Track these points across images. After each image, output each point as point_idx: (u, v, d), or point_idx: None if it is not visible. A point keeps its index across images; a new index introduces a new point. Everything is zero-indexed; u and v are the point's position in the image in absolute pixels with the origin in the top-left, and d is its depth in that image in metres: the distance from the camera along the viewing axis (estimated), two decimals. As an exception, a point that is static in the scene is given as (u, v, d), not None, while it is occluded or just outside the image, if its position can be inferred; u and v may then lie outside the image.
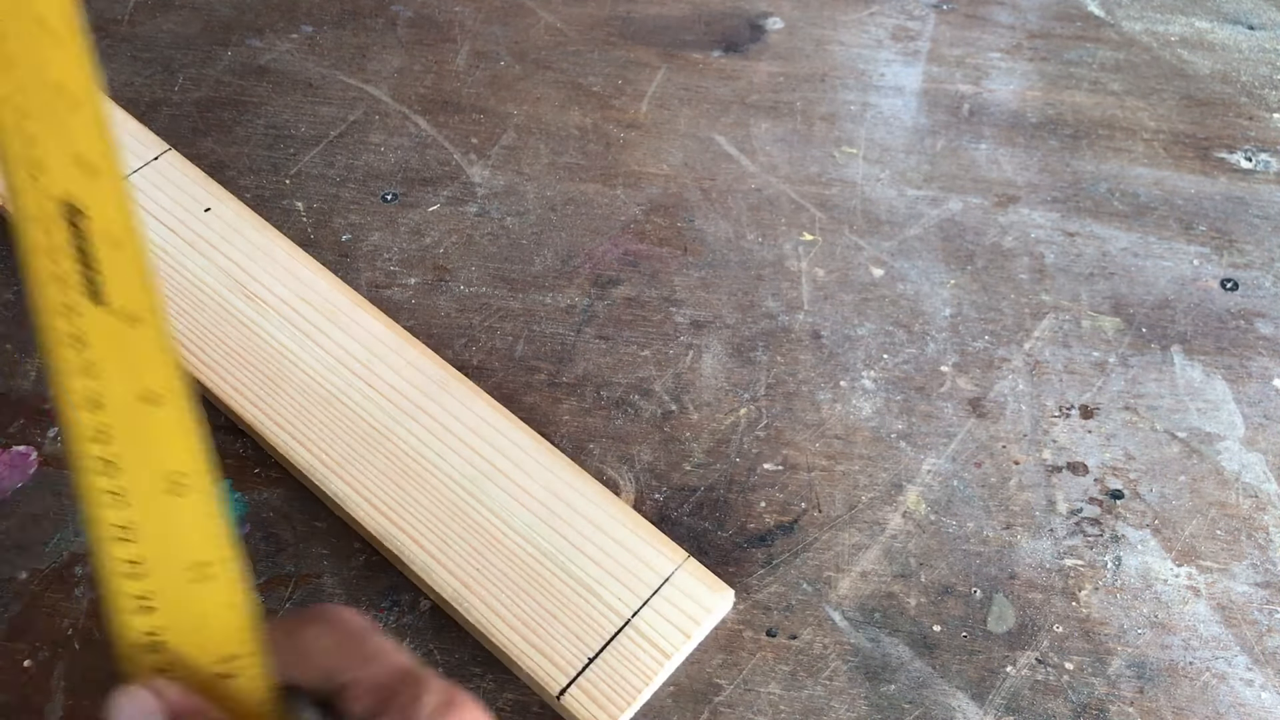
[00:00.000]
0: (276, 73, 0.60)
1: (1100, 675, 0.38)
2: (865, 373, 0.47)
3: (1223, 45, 0.63)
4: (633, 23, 0.64)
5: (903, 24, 0.64)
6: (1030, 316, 0.49)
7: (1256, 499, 0.43)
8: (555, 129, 0.57)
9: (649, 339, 0.48)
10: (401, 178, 0.55)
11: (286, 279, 0.48)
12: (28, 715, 0.37)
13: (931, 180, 0.55)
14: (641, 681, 0.37)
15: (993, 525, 0.42)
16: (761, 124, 0.58)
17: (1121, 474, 0.44)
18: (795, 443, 0.45)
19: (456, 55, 0.61)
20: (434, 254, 0.51)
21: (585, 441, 0.45)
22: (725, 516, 0.42)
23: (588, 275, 0.51)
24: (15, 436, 0.45)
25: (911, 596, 0.40)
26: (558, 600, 0.38)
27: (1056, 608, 0.40)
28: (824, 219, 0.53)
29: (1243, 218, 0.53)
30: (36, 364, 0.47)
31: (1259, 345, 0.48)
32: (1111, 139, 0.57)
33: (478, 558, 0.39)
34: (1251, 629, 0.39)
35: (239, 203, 0.51)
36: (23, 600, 0.40)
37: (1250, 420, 0.45)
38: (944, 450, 0.44)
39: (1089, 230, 0.53)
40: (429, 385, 0.44)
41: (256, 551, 0.41)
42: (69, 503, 0.43)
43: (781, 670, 0.38)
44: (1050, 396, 0.46)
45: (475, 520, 0.40)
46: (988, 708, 0.37)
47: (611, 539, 0.40)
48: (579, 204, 0.54)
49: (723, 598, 0.39)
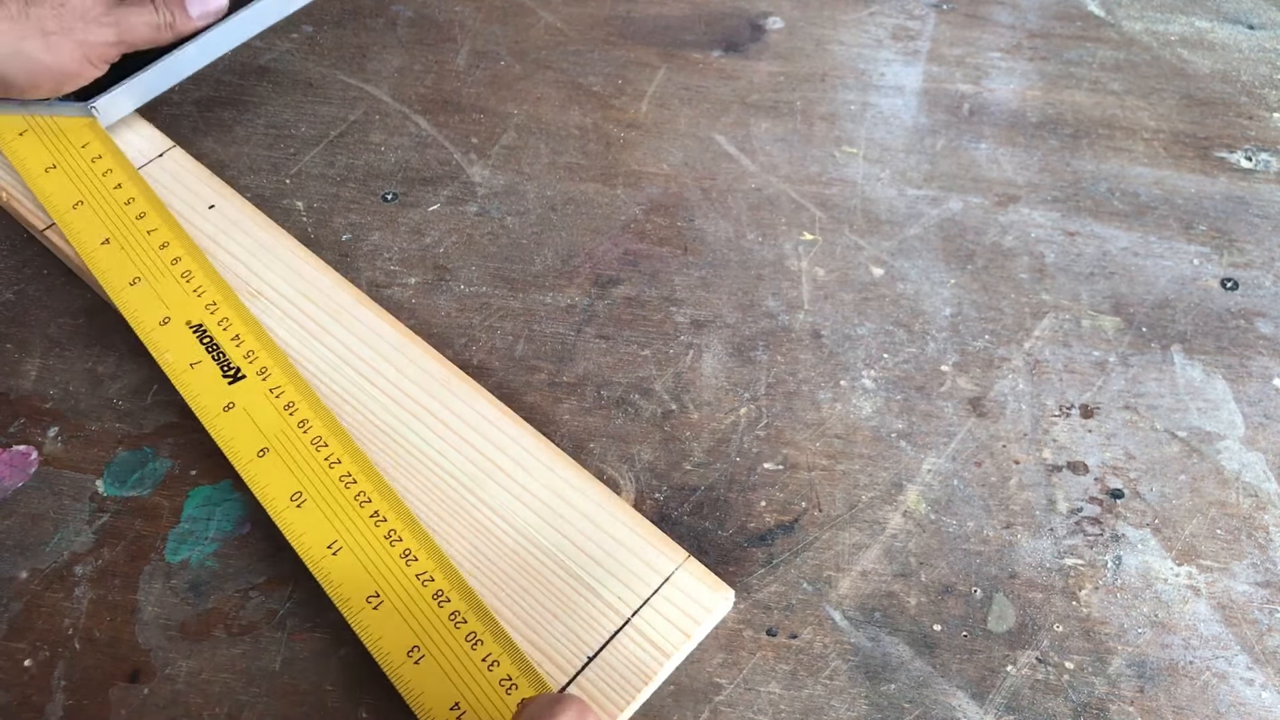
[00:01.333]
0: (276, 72, 0.60)
1: (1100, 674, 0.38)
2: (865, 372, 0.47)
3: (1223, 45, 0.63)
4: (633, 23, 0.64)
5: (903, 24, 0.64)
6: (1030, 316, 0.49)
7: (1256, 498, 0.43)
8: (555, 129, 0.57)
9: (649, 338, 0.48)
10: (401, 177, 0.55)
11: (289, 276, 0.48)
12: (28, 715, 0.37)
13: (931, 180, 0.55)
14: (641, 681, 0.37)
15: (993, 525, 0.42)
16: (761, 124, 0.58)
17: (1121, 473, 0.44)
18: (795, 442, 0.45)
19: (456, 55, 0.61)
20: (434, 253, 0.51)
21: (585, 441, 0.45)
22: (725, 516, 0.42)
23: (588, 275, 0.51)
24: (15, 436, 0.45)
25: (911, 596, 0.40)
26: (557, 599, 0.38)
27: (1057, 607, 0.40)
28: (824, 218, 0.53)
29: (1243, 217, 0.53)
30: (36, 364, 0.47)
31: (1259, 345, 0.48)
32: (1111, 139, 0.57)
33: (478, 555, 0.39)
34: (1252, 628, 0.39)
35: (242, 200, 0.51)
36: (23, 600, 0.40)
37: (1250, 420, 0.45)
38: (944, 450, 0.45)
39: (1089, 230, 0.53)
40: (431, 383, 0.44)
41: (257, 551, 0.41)
42: (69, 502, 0.43)
43: (782, 670, 0.38)
44: (1050, 396, 0.46)
45: (475, 518, 0.40)
46: (988, 707, 0.37)
47: (612, 538, 0.40)
48: (579, 204, 0.54)
49: (723, 597, 0.39)
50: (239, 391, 0.43)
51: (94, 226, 0.48)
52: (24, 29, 0.47)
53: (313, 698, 0.38)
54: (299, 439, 0.41)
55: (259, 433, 0.42)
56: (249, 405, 0.43)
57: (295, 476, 0.41)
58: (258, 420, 0.42)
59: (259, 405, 0.43)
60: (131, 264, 0.47)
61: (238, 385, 0.43)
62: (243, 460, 0.41)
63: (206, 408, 0.43)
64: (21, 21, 0.47)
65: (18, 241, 0.52)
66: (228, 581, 0.40)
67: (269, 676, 0.38)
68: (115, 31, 0.49)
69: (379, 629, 0.37)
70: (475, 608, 0.37)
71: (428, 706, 0.35)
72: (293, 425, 0.42)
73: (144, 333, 0.45)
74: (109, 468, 0.44)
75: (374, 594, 0.37)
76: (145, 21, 0.50)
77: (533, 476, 0.42)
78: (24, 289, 0.50)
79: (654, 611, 0.38)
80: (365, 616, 0.37)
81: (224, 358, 0.44)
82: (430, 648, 0.36)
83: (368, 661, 0.38)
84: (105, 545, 0.41)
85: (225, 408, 0.42)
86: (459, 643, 0.36)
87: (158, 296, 0.46)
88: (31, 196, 0.51)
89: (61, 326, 0.48)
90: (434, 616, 0.37)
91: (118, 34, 0.49)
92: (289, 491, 0.40)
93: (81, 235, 0.48)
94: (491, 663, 0.36)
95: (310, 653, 0.39)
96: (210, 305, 0.46)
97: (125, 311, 0.46)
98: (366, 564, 0.38)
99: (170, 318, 0.45)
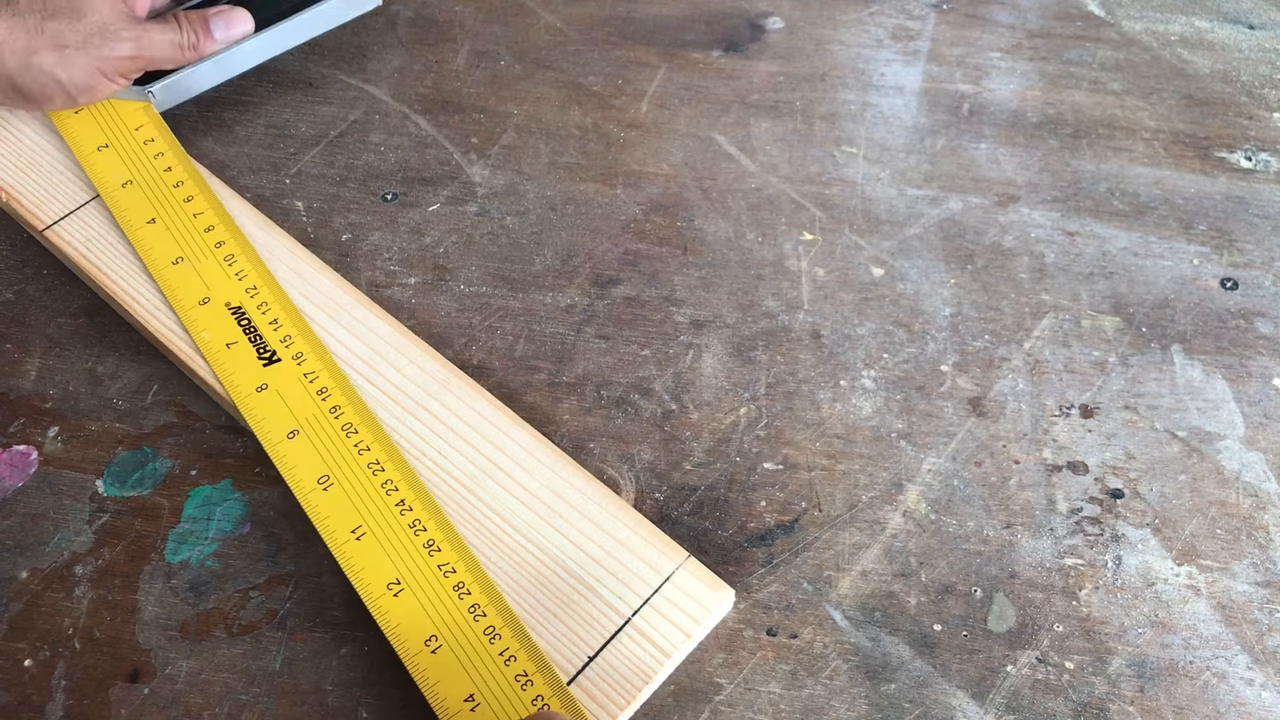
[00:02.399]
0: (276, 72, 0.60)
1: (1100, 674, 0.38)
2: (865, 372, 0.47)
3: (1223, 45, 0.63)
4: (633, 23, 0.64)
5: (903, 24, 0.64)
6: (1030, 316, 0.49)
7: (1256, 498, 0.43)
8: (555, 129, 0.57)
9: (649, 338, 0.48)
10: (401, 177, 0.55)
11: (289, 276, 0.48)
12: (28, 715, 0.37)
13: (931, 180, 0.55)
14: (641, 680, 0.37)
15: (993, 524, 0.42)
16: (761, 124, 0.58)
17: (1121, 473, 0.44)
18: (795, 442, 0.45)
19: (456, 55, 0.61)
20: (434, 253, 0.51)
21: (585, 441, 0.45)
22: (725, 516, 0.42)
23: (588, 275, 0.51)
24: (15, 436, 0.45)
25: (912, 596, 0.40)
26: (558, 598, 0.38)
27: (1057, 607, 0.40)
28: (824, 218, 0.53)
29: (1243, 217, 0.53)
30: (36, 364, 0.47)
31: (1259, 345, 0.48)
32: (1111, 139, 0.57)
33: (478, 555, 0.39)
34: (1252, 628, 0.39)
35: (241, 200, 0.51)
36: (23, 600, 0.40)
37: (1250, 419, 0.45)
38: (944, 449, 0.45)
39: (1089, 230, 0.53)
40: (431, 383, 0.44)
41: (256, 551, 0.41)
42: (69, 503, 0.43)
43: (782, 669, 0.38)
44: (1050, 396, 0.46)
45: (475, 518, 0.40)
46: (988, 707, 0.37)
47: (612, 538, 0.40)
48: (579, 204, 0.54)
49: (723, 597, 0.39)
50: (273, 374, 0.43)
51: (141, 206, 0.49)
52: (38, 42, 0.47)
53: (313, 698, 0.38)
54: (330, 424, 0.42)
55: (290, 415, 0.42)
56: (282, 388, 0.43)
57: (324, 460, 0.41)
58: (290, 403, 0.42)
59: (292, 388, 0.43)
60: (175, 244, 0.48)
61: (272, 368, 0.43)
62: (272, 440, 0.41)
63: (239, 387, 0.43)
64: (37, 35, 0.47)
65: (18, 241, 0.52)
66: (228, 581, 0.40)
67: (269, 676, 0.38)
68: (135, 48, 0.49)
69: (398, 616, 0.37)
70: (495, 602, 0.37)
71: (442, 697, 0.35)
72: (324, 410, 0.42)
73: (183, 311, 0.46)
74: (109, 468, 0.44)
75: (395, 580, 0.38)
76: (169, 40, 0.50)
77: (533, 476, 0.42)
78: (24, 289, 0.50)
79: (654, 611, 0.38)
80: (385, 603, 0.37)
81: (261, 340, 0.44)
82: (448, 639, 0.36)
83: (368, 661, 0.38)
84: (105, 545, 0.41)
85: (259, 388, 0.43)
86: (477, 636, 0.36)
87: (199, 277, 0.47)
88: (32, 196, 0.51)
89: (61, 326, 0.48)
90: (454, 608, 0.37)
91: (137, 50, 0.49)
92: (316, 475, 0.40)
93: (128, 213, 0.49)
94: (509, 658, 0.36)
95: (310, 653, 0.39)
96: (251, 289, 0.46)
97: (166, 289, 0.46)
98: (389, 551, 0.38)
99: (210, 298, 0.46)
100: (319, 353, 0.44)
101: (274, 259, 0.49)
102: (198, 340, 0.44)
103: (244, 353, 0.44)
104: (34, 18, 0.47)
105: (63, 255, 0.49)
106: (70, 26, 0.47)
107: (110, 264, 0.48)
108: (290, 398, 0.43)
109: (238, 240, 0.48)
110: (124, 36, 0.49)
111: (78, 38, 0.48)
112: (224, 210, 0.49)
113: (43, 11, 0.47)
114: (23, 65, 0.47)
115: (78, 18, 0.47)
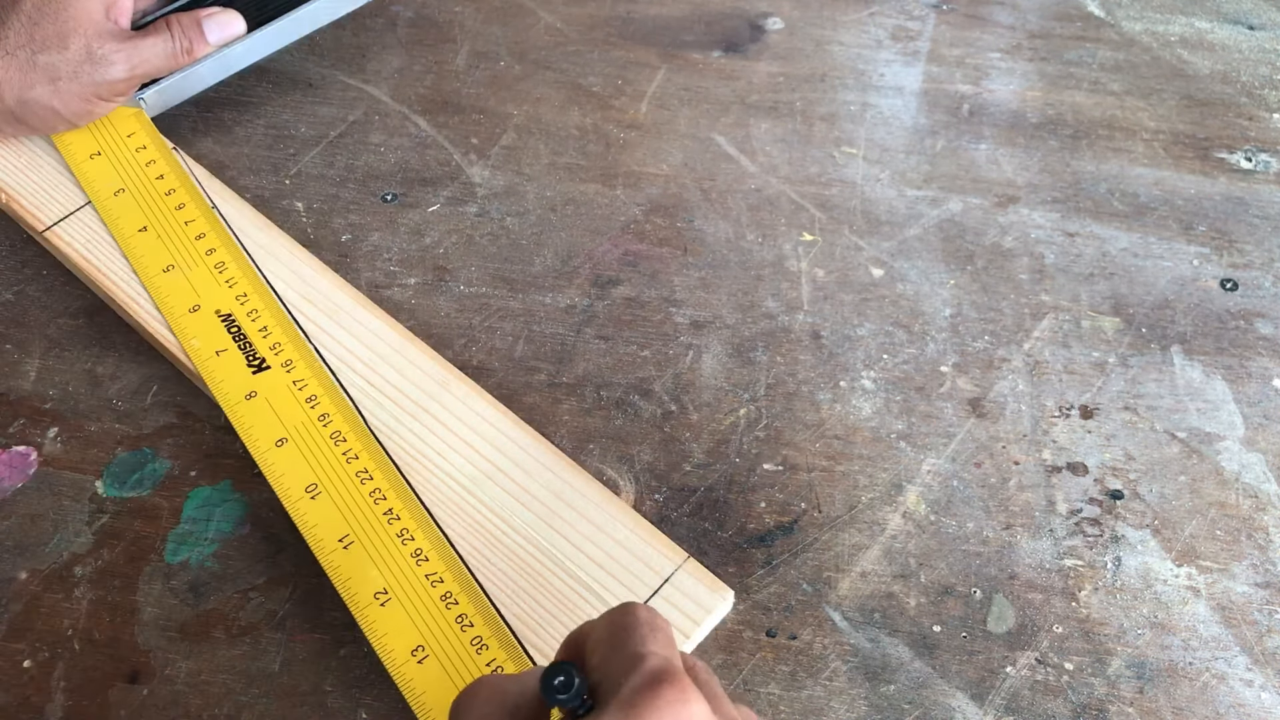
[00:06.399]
0: (276, 73, 0.60)
1: (1100, 675, 0.38)
2: (865, 373, 0.47)
3: (1223, 45, 0.63)
4: (633, 23, 0.64)
5: (902, 24, 0.64)
6: (1030, 316, 0.49)
7: (1256, 499, 0.43)
8: (555, 129, 0.57)
9: (649, 339, 0.48)
10: (401, 178, 0.55)
11: (288, 277, 0.48)
12: (27, 715, 0.37)
13: (931, 180, 0.55)
14: (641, 681, 0.36)
15: (992, 525, 0.42)
16: (761, 124, 0.58)
17: (1121, 474, 0.44)
18: (795, 443, 0.45)
19: (456, 55, 0.61)
20: (434, 254, 0.51)
21: (585, 441, 0.45)
22: (725, 517, 0.42)
23: (588, 275, 0.51)
24: (15, 436, 0.45)
25: (911, 597, 0.40)
26: (557, 599, 0.38)
27: (1056, 608, 0.40)
28: (824, 219, 0.53)
29: (1243, 218, 0.53)
30: (36, 364, 0.47)
31: (1259, 345, 0.48)
32: (1111, 139, 0.57)
33: (477, 556, 0.39)
34: (1251, 629, 0.39)
35: (241, 201, 0.51)
36: (23, 600, 0.40)
37: (1250, 420, 0.45)
38: (944, 450, 0.44)
39: (1089, 230, 0.53)
40: (430, 384, 0.44)
41: (256, 552, 0.41)
42: (69, 503, 0.43)
43: (781, 670, 0.38)
44: (1050, 396, 0.46)
45: (475, 519, 0.40)
46: (987, 708, 0.37)
47: (612, 539, 0.40)
48: (579, 204, 0.54)
49: (723, 598, 0.39)
50: (262, 381, 0.43)
51: (133, 213, 0.49)
52: (32, 78, 0.47)
53: (312, 698, 0.38)
54: (319, 432, 0.42)
55: (279, 423, 0.42)
56: (271, 395, 0.43)
57: (312, 468, 0.41)
58: (279, 411, 0.42)
59: (281, 396, 0.43)
60: (166, 252, 0.48)
61: (261, 375, 0.43)
62: (261, 449, 0.41)
63: (228, 395, 0.43)
64: (30, 70, 0.47)
65: (18, 241, 0.52)
66: (227, 582, 0.40)
67: (269, 677, 0.38)
68: (127, 68, 0.49)
69: (384, 626, 0.37)
70: (483, 611, 0.37)
71: (428, 707, 0.35)
72: (313, 418, 0.42)
73: (173, 318, 0.45)
74: (108, 468, 0.44)
75: (381, 590, 0.38)
76: (161, 50, 0.50)
77: (532, 477, 0.42)
78: (24, 289, 0.50)
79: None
80: (371, 613, 0.37)
81: (250, 348, 0.44)
82: (435, 648, 0.36)
83: (367, 662, 0.38)
84: (105, 546, 0.41)
85: (247, 396, 0.43)
86: (464, 646, 0.36)
87: (189, 284, 0.47)
88: (32, 197, 0.51)
89: (61, 327, 0.48)
90: (440, 617, 0.37)
91: (129, 70, 0.49)
92: (305, 483, 0.40)
93: (120, 221, 0.49)
94: (496, 668, 0.36)
95: (310, 653, 0.39)
96: (241, 296, 0.46)
97: (156, 297, 0.46)
98: (376, 560, 0.38)
99: (200, 305, 0.46)
100: (308, 360, 0.44)
101: (273, 260, 0.48)
102: (187, 348, 0.44)
103: (233, 360, 0.44)
104: (24, 53, 0.47)
105: (63, 256, 0.49)
106: (60, 58, 0.47)
107: (110, 265, 0.48)
108: (279, 405, 0.42)
109: (229, 248, 0.48)
110: (114, 60, 0.48)
111: (69, 68, 0.48)
112: (215, 217, 0.49)
113: (30, 45, 0.47)
114: (20, 101, 0.48)
115: (64, 48, 0.47)
